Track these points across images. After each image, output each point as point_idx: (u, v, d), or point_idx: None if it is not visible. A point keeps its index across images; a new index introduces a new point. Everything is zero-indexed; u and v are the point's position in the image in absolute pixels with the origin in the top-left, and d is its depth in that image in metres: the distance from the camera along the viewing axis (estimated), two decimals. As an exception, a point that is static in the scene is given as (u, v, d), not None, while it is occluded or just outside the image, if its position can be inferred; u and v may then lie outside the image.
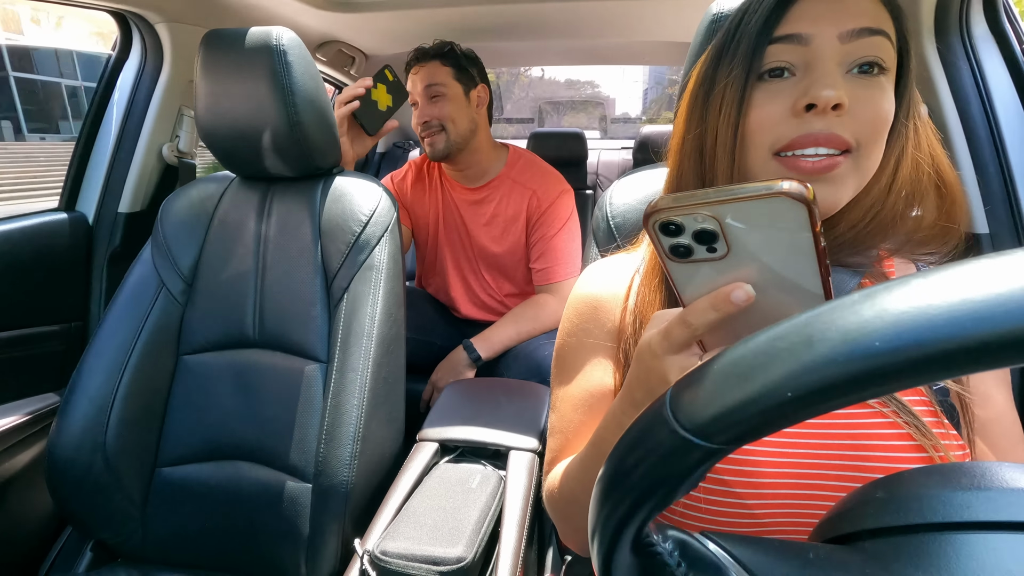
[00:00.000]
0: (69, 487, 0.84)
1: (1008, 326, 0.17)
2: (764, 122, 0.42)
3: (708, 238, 0.30)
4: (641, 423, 0.25)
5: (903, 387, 0.19)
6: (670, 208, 0.30)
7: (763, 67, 0.42)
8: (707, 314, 0.31)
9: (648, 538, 0.25)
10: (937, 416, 0.42)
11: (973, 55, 0.82)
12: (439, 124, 1.28)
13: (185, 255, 0.95)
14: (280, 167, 0.92)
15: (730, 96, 0.43)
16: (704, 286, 0.33)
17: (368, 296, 0.88)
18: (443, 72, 1.28)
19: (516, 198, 1.34)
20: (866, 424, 0.42)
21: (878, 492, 0.26)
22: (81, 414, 0.85)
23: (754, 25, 0.42)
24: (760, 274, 0.31)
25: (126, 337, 0.89)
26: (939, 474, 0.25)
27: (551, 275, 1.33)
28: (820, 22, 0.41)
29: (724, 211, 0.29)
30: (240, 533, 0.85)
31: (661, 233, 0.31)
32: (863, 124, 0.40)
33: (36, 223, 1.08)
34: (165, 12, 1.09)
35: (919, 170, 0.44)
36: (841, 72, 0.41)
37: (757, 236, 0.30)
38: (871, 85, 0.41)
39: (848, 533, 0.26)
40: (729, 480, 0.42)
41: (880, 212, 0.44)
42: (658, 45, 1.75)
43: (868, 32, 0.40)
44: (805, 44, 0.41)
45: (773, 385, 0.20)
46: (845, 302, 0.20)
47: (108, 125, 1.18)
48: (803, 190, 0.27)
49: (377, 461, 0.85)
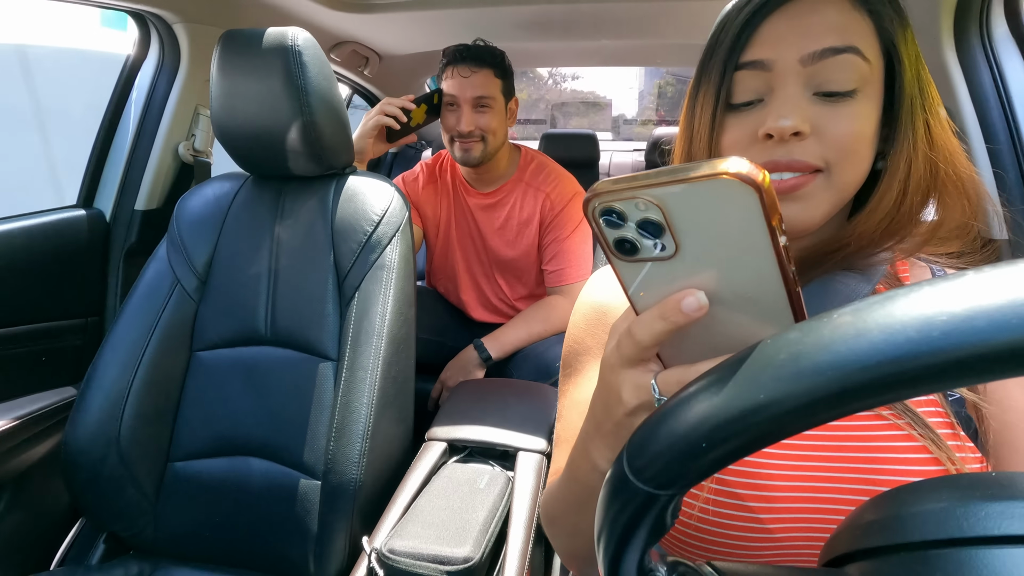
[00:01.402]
0: (84, 479, 0.86)
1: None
2: (734, 147, 0.43)
3: (653, 230, 0.26)
4: (613, 468, 0.26)
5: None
6: (609, 192, 0.26)
7: (733, 97, 0.43)
8: (654, 325, 0.28)
9: (650, 567, 0.25)
10: (953, 428, 0.41)
11: (993, 57, 0.80)
12: (480, 134, 1.26)
13: (199, 252, 0.96)
14: (294, 166, 0.93)
15: (704, 120, 0.44)
16: (655, 292, 0.28)
17: (379, 295, 0.88)
18: (494, 84, 1.27)
19: (530, 201, 1.34)
20: (880, 436, 0.41)
21: (890, 506, 0.25)
22: (96, 408, 0.86)
23: (723, 49, 0.42)
24: (716, 279, 0.27)
25: (141, 332, 0.90)
26: (955, 486, 0.24)
27: (563, 277, 1.33)
28: (781, 45, 0.40)
29: (665, 196, 0.25)
30: (249, 528, 0.86)
31: (604, 223, 0.27)
32: (830, 146, 0.39)
33: (55, 219, 1.10)
34: (183, 12, 1.11)
35: (935, 170, 0.42)
36: (807, 95, 0.40)
37: (706, 230, 0.25)
38: (839, 106, 0.40)
39: (847, 553, 0.25)
40: (741, 494, 0.41)
41: (895, 217, 0.43)
42: (675, 47, 1.75)
43: (831, 52, 0.39)
44: (768, 70, 0.41)
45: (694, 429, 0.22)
46: (775, 345, 0.22)
47: (126, 124, 1.20)
48: (752, 170, 0.23)
49: (386, 459, 0.85)
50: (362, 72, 1.81)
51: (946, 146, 0.43)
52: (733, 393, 0.21)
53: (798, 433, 0.20)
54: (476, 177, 1.38)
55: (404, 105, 1.23)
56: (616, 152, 2.74)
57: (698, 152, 0.45)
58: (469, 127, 1.25)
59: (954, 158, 0.43)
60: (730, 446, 0.21)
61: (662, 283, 0.28)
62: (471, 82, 1.24)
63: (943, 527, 0.22)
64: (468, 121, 1.25)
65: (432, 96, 1.28)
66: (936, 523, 0.22)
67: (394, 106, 1.23)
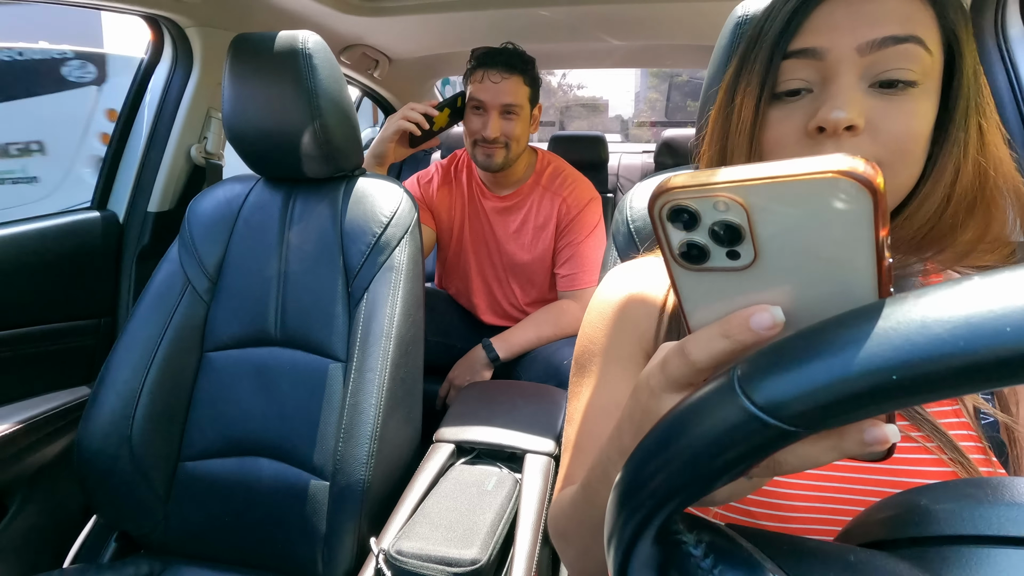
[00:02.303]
0: (96, 478, 0.86)
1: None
2: (779, 142, 0.40)
3: (730, 236, 0.22)
4: (697, 398, 0.22)
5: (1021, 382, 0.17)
6: (684, 187, 0.22)
7: (779, 86, 0.40)
8: (714, 343, 0.24)
9: (675, 526, 0.23)
10: (985, 453, 0.38)
11: (1008, 57, 0.79)
12: (505, 141, 1.25)
13: (211, 254, 0.97)
14: (304, 168, 0.94)
15: (746, 113, 0.41)
16: (718, 307, 0.24)
17: (387, 297, 0.88)
18: (523, 92, 1.26)
19: (546, 206, 1.34)
20: (908, 460, 0.38)
21: (922, 500, 0.25)
22: (109, 408, 0.87)
23: (770, 37, 0.40)
24: (793, 295, 0.23)
25: (153, 333, 0.91)
26: (988, 486, 0.24)
27: (576, 282, 1.32)
28: (837, 32, 0.37)
29: (754, 196, 0.21)
30: (259, 528, 0.87)
31: (671, 224, 0.23)
32: (884, 144, 0.37)
33: (69, 221, 1.11)
34: (195, 16, 1.12)
35: (984, 177, 0.39)
36: (863, 87, 0.37)
37: (795, 238, 0.22)
38: (897, 100, 0.37)
39: (886, 539, 0.24)
40: (755, 512, 0.39)
41: (937, 225, 0.39)
42: (682, 48, 1.74)
43: (892, 41, 0.36)
44: (820, 59, 0.38)
45: (877, 366, 0.18)
46: (959, 286, 0.18)
47: (139, 126, 1.22)
48: (868, 170, 0.20)
49: (394, 460, 0.86)
50: (372, 75, 1.82)
51: (996, 153, 0.40)
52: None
53: (992, 388, 0.18)
54: (493, 180, 1.37)
55: (427, 111, 1.22)
56: (625, 154, 2.73)
57: (737, 149, 0.42)
58: (495, 133, 1.23)
59: (1003, 166, 0.40)
60: (939, 385, 0.18)
61: (729, 296, 0.24)
62: (501, 88, 1.22)
63: (1010, 525, 0.21)
64: (495, 128, 1.23)
65: (455, 100, 1.26)
66: (1002, 520, 0.22)
67: (417, 111, 1.22)
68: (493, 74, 1.22)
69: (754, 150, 0.41)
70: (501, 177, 1.35)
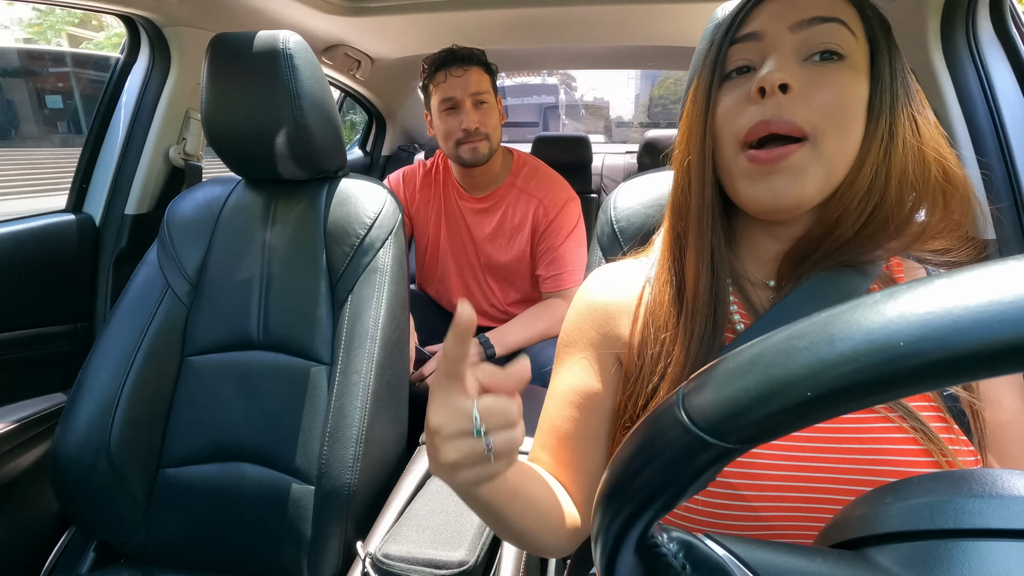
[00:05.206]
0: (73, 487, 0.84)
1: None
2: (727, 114, 0.45)
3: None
4: (651, 420, 0.24)
5: (926, 389, 0.18)
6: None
7: (727, 67, 0.46)
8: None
9: (653, 539, 0.25)
10: (946, 422, 0.41)
11: (979, 59, 0.81)
12: (484, 132, 1.27)
13: (190, 257, 0.95)
14: (285, 170, 0.93)
15: (700, 95, 0.47)
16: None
17: (372, 299, 0.88)
18: (486, 81, 1.29)
19: (522, 207, 1.34)
20: (873, 429, 0.41)
21: (886, 498, 0.26)
22: (86, 414, 0.85)
23: (721, 30, 0.46)
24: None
25: (131, 338, 0.89)
26: (949, 480, 0.25)
27: (560, 282, 1.33)
28: (774, 19, 0.44)
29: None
30: (243, 534, 0.86)
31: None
32: (816, 109, 0.41)
33: (44, 224, 1.09)
34: (173, 16, 1.10)
35: (926, 168, 0.43)
36: (797, 60, 0.43)
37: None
38: (828, 71, 0.42)
39: (855, 539, 0.25)
40: (735, 483, 0.42)
41: (881, 204, 0.43)
42: (664, 50, 1.75)
43: (819, 20, 0.42)
44: (760, 40, 0.44)
45: (792, 383, 0.20)
46: (867, 301, 0.20)
47: (116, 127, 1.19)
48: None
49: (380, 464, 0.85)
50: (354, 75, 1.80)
51: (934, 143, 0.44)
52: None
53: (898, 399, 0.20)
54: (470, 182, 1.38)
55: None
56: (608, 155, 2.75)
57: (695, 126, 0.47)
58: (475, 123, 1.25)
59: (944, 158, 0.44)
60: (849, 397, 0.19)
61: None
62: (467, 79, 1.25)
63: (969, 518, 0.23)
64: (472, 118, 1.25)
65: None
66: (960, 513, 0.23)
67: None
68: (454, 70, 1.25)
69: (708, 126, 0.46)
70: (479, 176, 1.35)
